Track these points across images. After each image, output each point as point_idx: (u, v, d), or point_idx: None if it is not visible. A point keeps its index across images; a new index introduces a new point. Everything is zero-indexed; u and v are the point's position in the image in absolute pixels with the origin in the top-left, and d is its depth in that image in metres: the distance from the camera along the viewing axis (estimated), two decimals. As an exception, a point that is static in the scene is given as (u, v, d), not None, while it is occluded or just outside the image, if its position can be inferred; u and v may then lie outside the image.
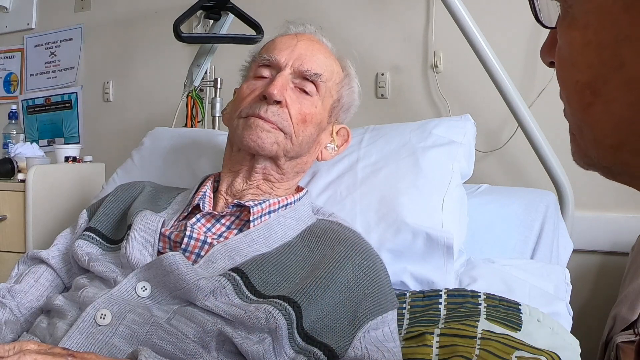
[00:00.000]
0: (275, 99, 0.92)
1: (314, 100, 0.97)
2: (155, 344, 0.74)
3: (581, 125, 0.39)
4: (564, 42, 0.39)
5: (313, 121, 0.97)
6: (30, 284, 0.92)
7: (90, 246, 0.93)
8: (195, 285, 0.78)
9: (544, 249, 1.20)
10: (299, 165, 1.01)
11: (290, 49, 0.98)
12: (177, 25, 1.49)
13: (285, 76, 0.95)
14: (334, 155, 1.06)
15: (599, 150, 0.38)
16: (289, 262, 0.87)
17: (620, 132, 0.36)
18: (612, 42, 0.34)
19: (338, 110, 1.03)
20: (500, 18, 1.65)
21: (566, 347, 0.92)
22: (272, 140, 0.93)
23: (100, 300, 0.77)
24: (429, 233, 1.03)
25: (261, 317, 0.76)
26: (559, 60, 0.40)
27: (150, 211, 0.95)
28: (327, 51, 1.02)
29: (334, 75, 1.01)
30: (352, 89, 1.05)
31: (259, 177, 0.97)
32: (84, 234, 0.95)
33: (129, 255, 0.85)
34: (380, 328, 0.86)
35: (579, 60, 0.37)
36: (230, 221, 0.94)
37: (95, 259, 0.89)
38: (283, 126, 0.94)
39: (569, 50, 0.38)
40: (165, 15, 1.93)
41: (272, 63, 0.97)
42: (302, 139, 0.96)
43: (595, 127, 0.37)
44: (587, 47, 0.36)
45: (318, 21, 1.09)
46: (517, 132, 1.55)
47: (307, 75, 0.96)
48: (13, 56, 2.49)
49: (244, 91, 0.98)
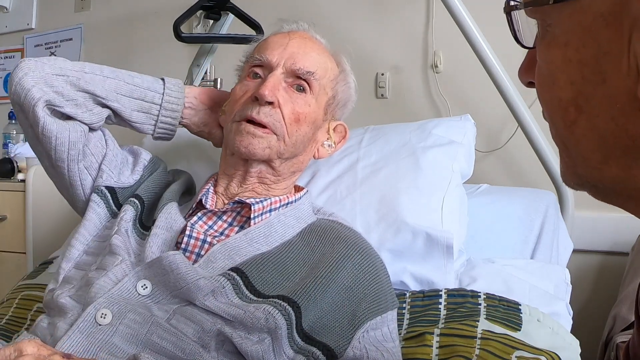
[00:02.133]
0: (266, 100, 0.92)
1: (308, 98, 0.97)
2: (155, 343, 0.74)
3: (567, 143, 0.39)
4: (544, 61, 0.38)
5: (307, 120, 0.97)
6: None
7: (131, 212, 0.94)
8: (195, 284, 0.78)
9: (544, 249, 1.20)
10: (295, 165, 1.00)
11: (282, 47, 0.97)
12: (177, 25, 1.49)
13: (277, 76, 0.94)
14: (332, 152, 1.06)
15: (586, 167, 0.38)
16: (288, 261, 0.87)
17: (605, 147, 0.36)
18: (593, 59, 0.34)
19: (334, 107, 1.02)
20: (500, 18, 1.63)
21: (566, 347, 0.92)
22: (264, 146, 0.93)
23: (101, 300, 0.77)
24: (429, 233, 1.03)
25: (261, 317, 0.76)
26: (540, 79, 0.40)
27: (175, 204, 0.96)
28: (320, 48, 1.01)
29: (327, 72, 1.00)
30: (347, 84, 1.04)
31: (254, 181, 0.97)
32: (131, 200, 0.97)
33: (147, 251, 0.85)
34: (380, 328, 0.86)
35: (560, 77, 0.37)
36: (231, 217, 0.94)
37: (123, 232, 0.90)
38: (275, 127, 0.93)
39: (550, 68, 0.38)
40: (165, 15, 1.93)
41: (264, 63, 0.96)
42: (295, 139, 0.96)
43: (581, 144, 0.37)
44: (568, 64, 0.36)
45: (318, 21, 1.08)
46: (517, 132, 1.55)
47: (300, 73, 0.96)
48: (13, 56, 2.49)
49: (237, 93, 0.98)
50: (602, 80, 0.34)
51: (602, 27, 0.34)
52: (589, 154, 0.37)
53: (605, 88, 0.34)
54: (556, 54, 0.37)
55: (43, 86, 0.90)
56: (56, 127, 0.91)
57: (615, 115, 0.34)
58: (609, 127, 0.35)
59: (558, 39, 0.37)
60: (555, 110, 0.38)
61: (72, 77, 0.93)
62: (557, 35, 0.37)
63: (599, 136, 0.36)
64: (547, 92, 0.39)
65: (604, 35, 0.34)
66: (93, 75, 0.95)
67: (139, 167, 1.03)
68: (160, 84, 1.01)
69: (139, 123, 1.00)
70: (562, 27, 0.36)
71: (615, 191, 0.38)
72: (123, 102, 0.97)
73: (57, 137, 0.92)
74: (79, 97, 0.93)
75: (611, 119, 0.34)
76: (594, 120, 0.36)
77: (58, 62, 0.93)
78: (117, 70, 0.99)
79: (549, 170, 1.36)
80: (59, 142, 0.92)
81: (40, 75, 0.90)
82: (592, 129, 0.36)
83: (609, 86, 0.34)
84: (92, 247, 0.94)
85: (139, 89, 0.99)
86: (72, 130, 0.93)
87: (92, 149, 0.97)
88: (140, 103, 0.99)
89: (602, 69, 0.34)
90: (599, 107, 0.35)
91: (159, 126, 1.01)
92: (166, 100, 1.00)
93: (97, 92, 0.94)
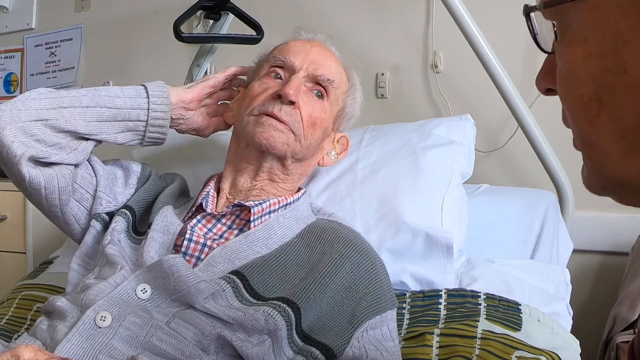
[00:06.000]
0: (290, 99, 0.93)
1: (325, 105, 0.99)
2: (155, 346, 0.74)
3: (590, 142, 0.39)
4: (565, 61, 0.39)
5: (321, 125, 0.99)
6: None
7: (121, 223, 0.93)
8: (195, 288, 0.78)
9: (544, 249, 1.20)
10: (303, 167, 1.02)
11: (305, 53, 0.99)
12: (177, 25, 1.49)
13: (300, 78, 0.96)
14: (333, 162, 1.08)
15: (610, 164, 0.38)
16: (288, 263, 0.87)
17: (628, 138, 0.36)
18: (613, 50, 0.35)
19: (342, 118, 1.05)
20: (500, 18, 1.64)
21: (566, 347, 0.92)
22: (284, 140, 0.94)
23: (101, 302, 0.77)
24: (429, 233, 1.03)
25: (260, 318, 0.76)
26: (561, 79, 0.40)
27: (171, 207, 0.96)
28: (337, 59, 1.04)
29: (342, 83, 1.03)
30: (355, 99, 1.07)
31: (265, 177, 0.98)
32: (122, 211, 0.95)
33: (144, 254, 0.85)
34: (379, 327, 0.87)
35: (582, 73, 0.37)
36: (231, 220, 0.94)
37: (116, 242, 0.89)
38: (295, 127, 0.94)
39: (571, 66, 0.38)
40: (165, 15, 1.93)
41: (286, 65, 0.98)
42: (310, 142, 0.98)
43: (604, 138, 0.37)
44: (589, 58, 0.36)
45: (318, 21, 1.09)
46: (517, 132, 1.55)
47: (321, 80, 0.98)
48: (13, 56, 2.49)
49: (255, 89, 0.98)
50: (624, 70, 0.35)
51: (621, 18, 0.34)
52: (611, 147, 0.37)
53: (627, 77, 0.35)
54: (577, 51, 0.37)
55: (23, 138, 0.86)
56: (43, 179, 0.89)
57: (636, 106, 0.35)
58: (631, 119, 0.35)
59: (577, 36, 0.37)
60: (578, 108, 0.38)
61: (50, 120, 0.88)
62: (576, 33, 0.37)
63: (621, 128, 0.36)
64: (570, 90, 0.39)
65: (622, 25, 0.34)
66: (72, 110, 0.90)
67: (132, 180, 1.02)
68: (144, 98, 0.96)
69: (126, 141, 0.97)
70: (580, 24, 0.37)
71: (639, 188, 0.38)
72: (107, 130, 0.94)
73: (45, 187, 0.89)
74: (61, 139, 0.89)
75: (632, 110, 0.35)
76: (616, 113, 0.36)
77: (33, 104, 0.88)
78: (96, 94, 0.93)
79: (549, 170, 1.36)
80: (49, 191, 0.90)
81: (18, 127, 0.86)
82: (614, 121, 0.36)
83: (630, 75, 0.34)
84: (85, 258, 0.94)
85: (122, 111, 0.94)
86: (59, 176, 0.90)
87: (80, 182, 0.95)
88: (126, 124, 0.95)
89: (623, 59, 0.35)
90: (621, 97, 0.35)
91: (146, 140, 0.99)
92: (152, 116, 0.96)
93: (79, 130, 0.91)
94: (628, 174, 0.38)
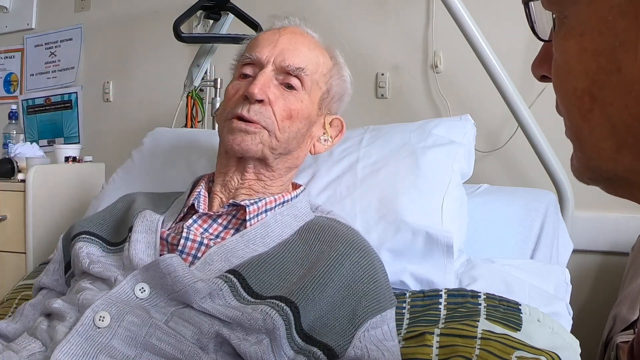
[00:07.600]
0: (256, 98, 0.92)
1: (300, 95, 0.96)
2: (154, 346, 0.74)
3: (581, 135, 0.39)
4: (560, 52, 0.39)
5: (300, 116, 0.96)
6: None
7: (90, 246, 0.92)
8: (192, 287, 0.78)
9: (544, 249, 1.20)
10: (290, 160, 1.00)
11: (272, 45, 0.96)
12: (177, 25, 1.49)
13: (267, 73, 0.94)
14: (328, 147, 1.05)
15: (600, 158, 0.38)
16: (286, 261, 0.87)
17: (618, 135, 0.36)
18: (609, 48, 0.35)
19: (329, 101, 1.02)
20: (500, 18, 1.65)
21: (566, 347, 0.92)
22: (257, 141, 0.93)
23: (99, 303, 0.76)
24: (429, 232, 1.03)
25: (258, 318, 0.76)
26: (556, 70, 0.40)
27: (150, 210, 0.95)
28: (311, 42, 1.00)
29: (319, 66, 0.99)
30: (342, 77, 1.04)
31: (251, 177, 0.97)
32: (82, 236, 0.94)
33: (132, 256, 0.85)
34: (380, 327, 0.86)
35: (575, 67, 0.37)
36: (227, 220, 0.94)
37: (97, 261, 0.88)
38: (266, 124, 0.93)
39: (565, 58, 0.38)
40: (165, 15, 1.93)
41: (254, 61, 0.96)
42: (288, 135, 0.95)
43: (595, 133, 0.38)
44: (584, 54, 0.37)
45: (318, 21, 1.08)
46: (517, 132, 1.55)
47: (290, 70, 0.95)
48: (13, 56, 2.49)
49: (230, 92, 0.98)
50: (617, 69, 0.35)
51: (619, 17, 0.34)
52: (602, 143, 0.38)
53: (620, 77, 0.35)
54: (572, 44, 0.38)
55: None
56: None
57: (629, 103, 0.35)
58: (623, 116, 0.35)
59: (574, 30, 0.37)
60: (571, 99, 0.39)
61: None
62: (573, 26, 0.38)
63: (613, 125, 0.36)
64: (563, 82, 0.39)
65: (620, 25, 0.34)
66: None
67: (58, 255, 1.01)
68: None
69: None
70: (578, 18, 0.37)
71: (630, 182, 0.38)
72: None
73: None
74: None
75: (625, 107, 0.35)
76: (608, 109, 0.36)
77: None
78: None
79: (549, 170, 1.36)
80: None
81: None
82: (605, 116, 0.37)
83: (624, 75, 0.35)
84: None
85: None
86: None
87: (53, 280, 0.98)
88: None
89: (618, 58, 0.35)
90: (613, 95, 0.36)
91: None
92: None
93: None
94: (617, 168, 0.38)
